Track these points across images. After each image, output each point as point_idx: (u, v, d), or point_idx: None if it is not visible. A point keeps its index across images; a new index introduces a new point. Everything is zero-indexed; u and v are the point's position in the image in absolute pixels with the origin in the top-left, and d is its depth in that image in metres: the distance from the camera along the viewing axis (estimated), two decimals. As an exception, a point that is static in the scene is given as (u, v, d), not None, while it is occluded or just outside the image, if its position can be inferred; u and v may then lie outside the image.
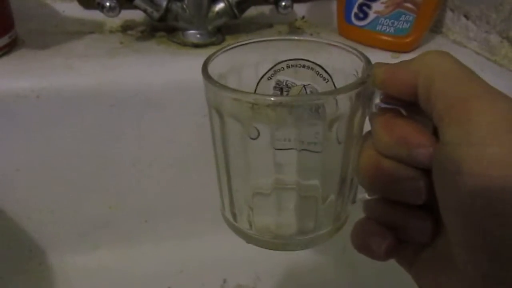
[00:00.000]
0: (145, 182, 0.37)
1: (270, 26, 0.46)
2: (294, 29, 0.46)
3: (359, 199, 0.21)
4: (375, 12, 0.41)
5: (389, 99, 0.19)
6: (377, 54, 0.40)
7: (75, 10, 0.43)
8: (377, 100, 0.19)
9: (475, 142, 0.14)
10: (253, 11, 0.46)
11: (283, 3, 0.39)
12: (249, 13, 0.42)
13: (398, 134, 0.17)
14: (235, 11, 0.39)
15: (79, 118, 0.34)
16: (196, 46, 0.39)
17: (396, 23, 0.40)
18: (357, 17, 0.42)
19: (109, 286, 0.37)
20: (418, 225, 0.18)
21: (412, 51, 0.41)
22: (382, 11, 0.40)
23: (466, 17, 0.42)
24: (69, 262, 0.38)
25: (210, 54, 0.21)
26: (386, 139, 0.18)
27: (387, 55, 0.40)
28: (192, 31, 0.39)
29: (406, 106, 0.19)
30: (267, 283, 0.38)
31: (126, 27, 0.43)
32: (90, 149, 0.35)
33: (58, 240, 0.38)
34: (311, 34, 0.44)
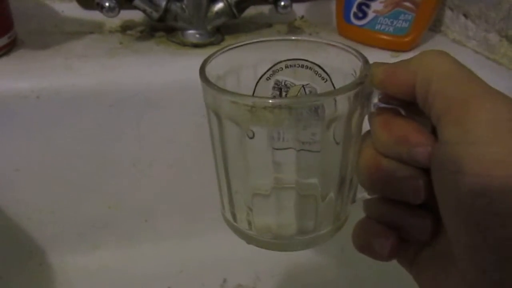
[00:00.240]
0: (145, 182, 0.37)
1: (269, 25, 0.46)
2: (293, 28, 0.46)
3: (359, 199, 0.21)
4: (374, 11, 0.41)
5: (387, 99, 0.19)
6: (376, 54, 0.40)
7: (75, 11, 0.43)
8: (375, 99, 0.19)
9: (475, 141, 0.14)
10: (252, 11, 0.46)
11: (282, 3, 0.39)
12: (248, 12, 0.42)
13: (397, 133, 0.18)
14: (234, 11, 0.39)
15: (79, 118, 0.34)
16: (195, 46, 0.39)
17: (395, 22, 0.40)
18: (356, 16, 0.42)
19: (109, 286, 0.37)
20: (418, 224, 0.18)
21: (411, 50, 0.41)
22: (381, 11, 0.40)
23: (465, 16, 0.42)
24: (69, 262, 0.38)
25: (207, 56, 0.21)
26: (385, 138, 0.18)
27: (386, 55, 0.40)
28: (191, 31, 0.39)
29: (404, 105, 0.19)
30: (267, 283, 0.38)
31: (125, 27, 0.43)
32: (90, 149, 0.35)
33: (58, 240, 0.38)
34: (310, 34, 0.44)
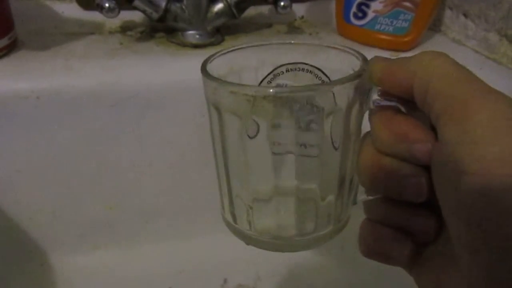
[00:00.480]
0: (145, 182, 0.37)
1: (269, 26, 0.46)
2: (293, 29, 0.46)
3: (360, 200, 0.21)
4: (374, 11, 0.41)
5: (386, 95, 0.19)
6: (376, 53, 0.39)
7: (75, 11, 0.43)
8: (374, 96, 0.19)
9: (475, 141, 0.14)
10: (252, 11, 0.46)
11: (282, 3, 0.39)
12: (248, 13, 0.42)
13: (397, 130, 0.17)
14: (234, 11, 0.39)
15: (79, 119, 0.34)
16: (195, 46, 0.39)
17: (395, 22, 0.40)
18: (356, 16, 0.42)
19: (109, 287, 0.37)
20: (422, 224, 0.18)
21: (411, 50, 0.41)
22: (380, 10, 0.40)
23: (465, 15, 0.42)
24: (69, 262, 0.38)
25: (208, 56, 0.21)
26: (385, 135, 0.18)
27: (386, 54, 0.40)
28: (191, 32, 0.39)
29: (404, 102, 0.19)
30: (268, 283, 0.38)
31: (125, 28, 0.43)
32: (90, 149, 0.35)
33: (59, 240, 0.38)
34: (310, 34, 0.44)
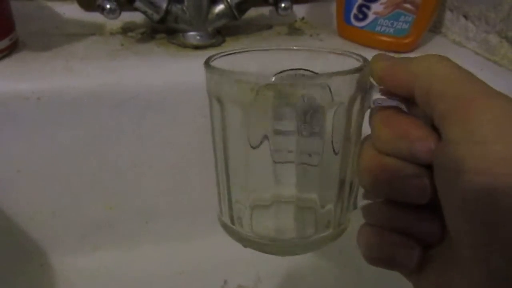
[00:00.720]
0: (145, 183, 0.38)
1: (270, 27, 0.46)
2: (293, 30, 0.46)
3: (361, 205, 0.21)
4: (374, 13, 0.41)
5: (387, 94, 0.19)
6: (376, 55, 0.40)
7: (76, 12, 0.44)
8: (375, 96, 0.19)
9: (479, 140, 0.14)
10: (252, 13, 0.46)
11: (283, 4, 0.39)
12: (248, 14, 0.42)
13: (398, 129, 0.17)
14: (235, 13, 0.39)
15: (80, 120, 0.34)
16: (196, 47, 0.39)
17: (395, 24, 0.40)
18: (356, 18, 0.42)
19: (109, 287, 0.37)
20: (425, 226, 0.18)
21: (411, 52, 0.41)
22: (381, 12, 0.41)
23: (465, 17, 0.42)
24: (70, 263, 0.38)
25: (211, 55, 0.21)
26: (385, 134, 0.18)
27: (387, 56, 0.40)
28: (192, 33, 0.39)
29: (405, 102, 0.19)
30: (268, 284, 0.38)
31: (126, 29, 0.43)
32: (90, 150, 0.35)
33: (59, 241, 0.38)
34: (311, 35, 0.44)
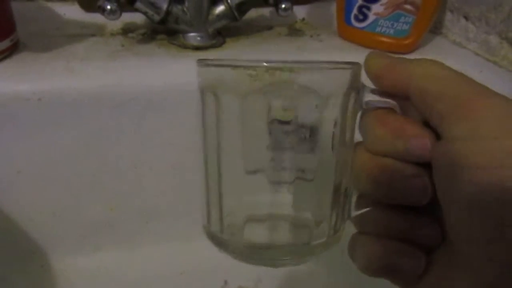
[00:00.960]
0: (146, 183, 0.38)
1: (270, 28, 0.46)
2: (294, 31, 0.46)
3: (353, 215, 0.21)
4: (375, 13, 0.41)
5: (379, 95, 0.19)
6: (377, 56, 0.40)
7: (76, 13, 0.44)
8: (367, 97, 0.19)
9: (485, 136, 0.15)
10: (253, 13, 0.46)
11: (283, 5, 0.39)
12: (249, 15, 0.42)
13: (394, 127, 0.17)
14: (235, 14, 0.39)
15: (80, 121, 0.34)
16: (196, 48, 0.39)
17: (395, 25, 0.40)
18: (356, 18, 0.42)
19: (110, 288, 0.37)
20: (425, 229, 0.18)
21: (412, 53, 0.41)
22: (381, 13, 0.41)
23: (466, 18, 0.42)
24: (70, 263, 0.38)
25: (201, 59, 0.21)
26: (381, 132, 0.17)
27: (387, 57, 0.40)
28: (192, 34, 0.39)
29: (398, 102, 0.19)
30: (268, 285, 0.38)
31: (127, 30, 0.43)
32: (91, 151, 0.35)
33: (59, 241, 0.38)
34: (311, 36, 0.44)
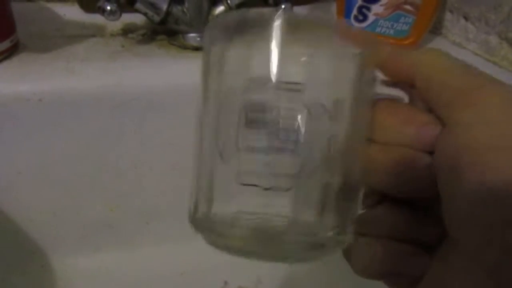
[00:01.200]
0: (146, 184, 0.38)
1: (270, 28, 0.46)
2: (294, 31, 0.46)
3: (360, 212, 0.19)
4: (375, 14, 0.41)
5: (387, 86, 0.19)
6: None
7: (76, 14, 0.44)
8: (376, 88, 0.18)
9: (490, 121, 0.15)
10: (253, 14, 0.46)
11: (283, 6, 0.39)
12: (249, 16, 0.42)
13: (403, 115, 0.17)
14: (235, 14, 0.39)
15: (80, 121, 0.34)
16: (196, 49, 0.39)
17: (395, 25, 0.40)
18: (356, 19, 0.42)
19: (110, 289, 0.37)
20: (427, 227, 0.18)
21: (411, 53, 0.41)
22: (381, 13, 0.41)
23: (466, 18, 0.42)
24: (70, 264, 0.38)
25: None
26: (390, 121, 0.17)
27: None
28: (192, 34, 0.39)
29: (407, 91, 0.19)
30: (268, 285, 0.38)
31: (127, 31, 0.43)
32: (91, 151, 0.35)
33: (59, 242, 0.38)
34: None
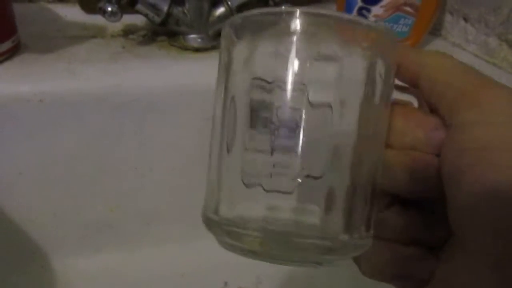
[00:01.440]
0: (146, 185, 0.38)
1: (271, 30, 0.46)
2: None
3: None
4: (375, 15, 0.41)
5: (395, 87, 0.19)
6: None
7: (77, 15, 0.44)
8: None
9: (496, 121, 0.15)
10: (253, 15, 0.46)
11: (283, 7, 0.39)
12: (249, 17, 0.42)
13: (413, 119, 0.18)
14: (236, 15, 0.40)
15: (81, 122, 0.34)
16: (197, 50, 0.39)
17: (395, 27, 0.40)
18: (356, 20, 0.42)
19: (110, 289, 0.37)
20: (437, 228, 0.18)
21: (411, 54, 0.41)
22: (381, 15, 0.41)
23: (465, 20, 0.42)
24: (71, 265, 0.38)
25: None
26: (401, 125, 0.18)
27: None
28: (193, 36, 0.39)
29: (415, 95, 0.19)
30: (268, 286, 0.38)
31: (127, 32, 0.43)
32: (92, 152, 0.35)
33: (60, 243, 0.38)
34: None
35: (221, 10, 0.39)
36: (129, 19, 0.43)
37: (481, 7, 0.39)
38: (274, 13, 0.17)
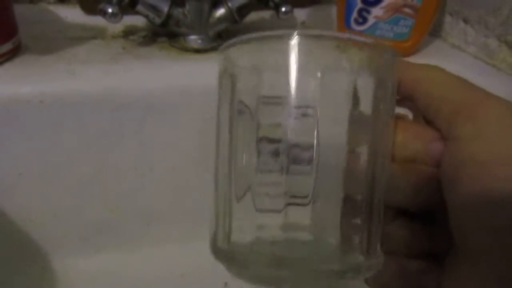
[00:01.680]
0: (146, 186, 0.38)
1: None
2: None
3: None
4: (375, 17, 0.41)
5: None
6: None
7: (78, 16, 0.44)
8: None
9: (492, 135, 0.15)
10: (253, 16, 0.46)
11: (283, 9, 0.40)
12: (249, 18, 0.42)
13: (412, 131, 0.18)
14: (236, 17, 0.40)
15: (81, 123, 0.34)
16: (197, 51, 0.39)
17: (395, 28, 0.40)
18: (356, 22, 0.42)
19: (110, 289, 0.37)
20: (441, 239, 0.18)
21: (411, 56, 0.41)
22: (381, 16, 0.41)
23: (465, 21, 0.42)
24: (71, 265, 0.38)
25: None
26: (401, 138, 0.18)
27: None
28: (193, 37, 0.39)
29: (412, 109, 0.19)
30: (268, 287, 0.38)
31: (128, 33, 0.43)
32: (92, 153, 0.35)
33: (60, 243, 0.38)
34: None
35: (221, 11, 0.40)
36: (129, 20, 0.43)
37: (480, 9, 0.40)
38: (272, 36, 0.16)
